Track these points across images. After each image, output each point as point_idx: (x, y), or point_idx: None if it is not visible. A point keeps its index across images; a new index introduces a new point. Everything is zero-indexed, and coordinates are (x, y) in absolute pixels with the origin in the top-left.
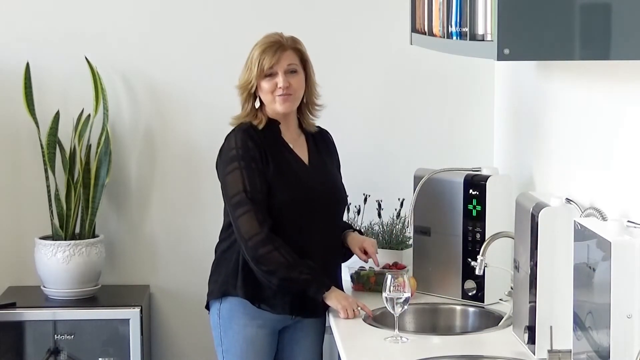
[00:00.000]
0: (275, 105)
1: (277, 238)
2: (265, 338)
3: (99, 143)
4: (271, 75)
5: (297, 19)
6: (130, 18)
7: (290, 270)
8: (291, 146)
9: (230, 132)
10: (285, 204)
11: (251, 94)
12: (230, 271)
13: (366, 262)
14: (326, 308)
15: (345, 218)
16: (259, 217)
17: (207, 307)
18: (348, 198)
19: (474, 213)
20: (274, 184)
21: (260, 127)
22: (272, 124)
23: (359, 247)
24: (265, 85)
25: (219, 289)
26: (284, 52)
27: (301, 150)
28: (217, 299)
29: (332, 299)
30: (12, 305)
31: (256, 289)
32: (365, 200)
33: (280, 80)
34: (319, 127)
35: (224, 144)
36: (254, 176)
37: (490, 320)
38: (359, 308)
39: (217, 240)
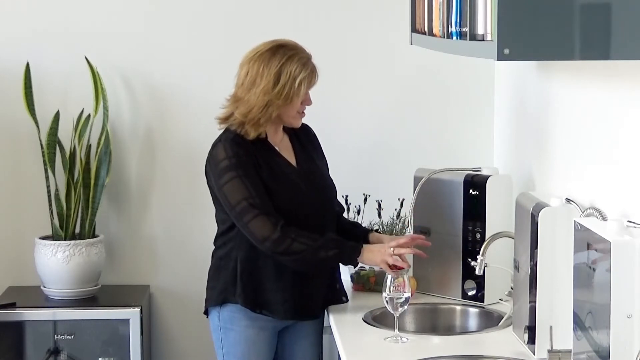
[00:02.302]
0: (295, 121)
1: (291, 229)
2: (266, 339)
3: (99, 143)
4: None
5: (298, 20)
6: (131, 18)
7: (316, 253)
8: (278, 149)
9: (217, 142)
10: (282, 209)
11: (277, 109)
12: (228, 278)
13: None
14: (324, 308)
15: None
16: (269, 218)
17: (206, 312)
18: (348, 197)
19: (474, 213)
20: (269, 189)
21: (250, 137)
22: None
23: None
24: (299, 103)
25: (217, 296)
26: (317, 72)
27: (288, 153)
28: (216, 306)
29: (366, 260)
30: (12, 305)
31: (257, 295)
32: (365, 200)
33: (309, 99)
34: None
35: (211, 153)
36: (255, 180)
37: (490, 320)
38: (397, 250)
39: None
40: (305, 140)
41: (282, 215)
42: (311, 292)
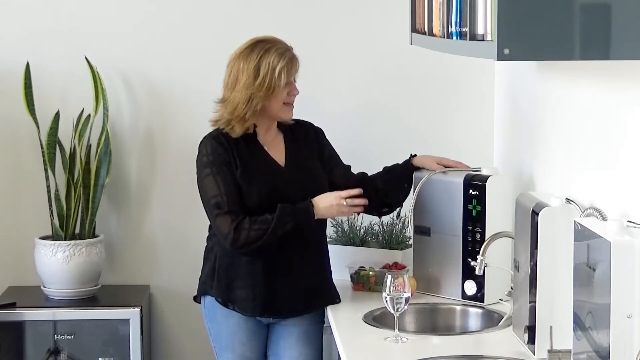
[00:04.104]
0: (284, 114)
1: (243, 220)
2: (248, 329)
3: (99, 143)
4: (286, 84)
5: (296, 19)
6: (131, 18)
7: (274, 233)
8: (266, 149)
9: (202, 140)
10: (256, 208)
11: (261, 101)
12: (209, 271)
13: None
14: (311, 306)
15: (344, 218)
16: (230, 216)
17: (195, 298)
18: None
19: (474, 213)
20: (242, 188)
21: (235, 135)
22: (247, 129)
23: (438, 163)
24: (284, 93)
25: (200, 286)
26: (297, 60)
27: (277, 152)
28: (201, 295)
29: (322, 213)
30: (12, 305)
31: (229, 291)
32: None
33: (295, 88)
34: (295, 119)
35: (198, 150)
36: (226, 179)
37: (490, 320)
38: (350, 201)
39: None
40: (301, 138)
41: (260, 213)
42: (287, 290)
